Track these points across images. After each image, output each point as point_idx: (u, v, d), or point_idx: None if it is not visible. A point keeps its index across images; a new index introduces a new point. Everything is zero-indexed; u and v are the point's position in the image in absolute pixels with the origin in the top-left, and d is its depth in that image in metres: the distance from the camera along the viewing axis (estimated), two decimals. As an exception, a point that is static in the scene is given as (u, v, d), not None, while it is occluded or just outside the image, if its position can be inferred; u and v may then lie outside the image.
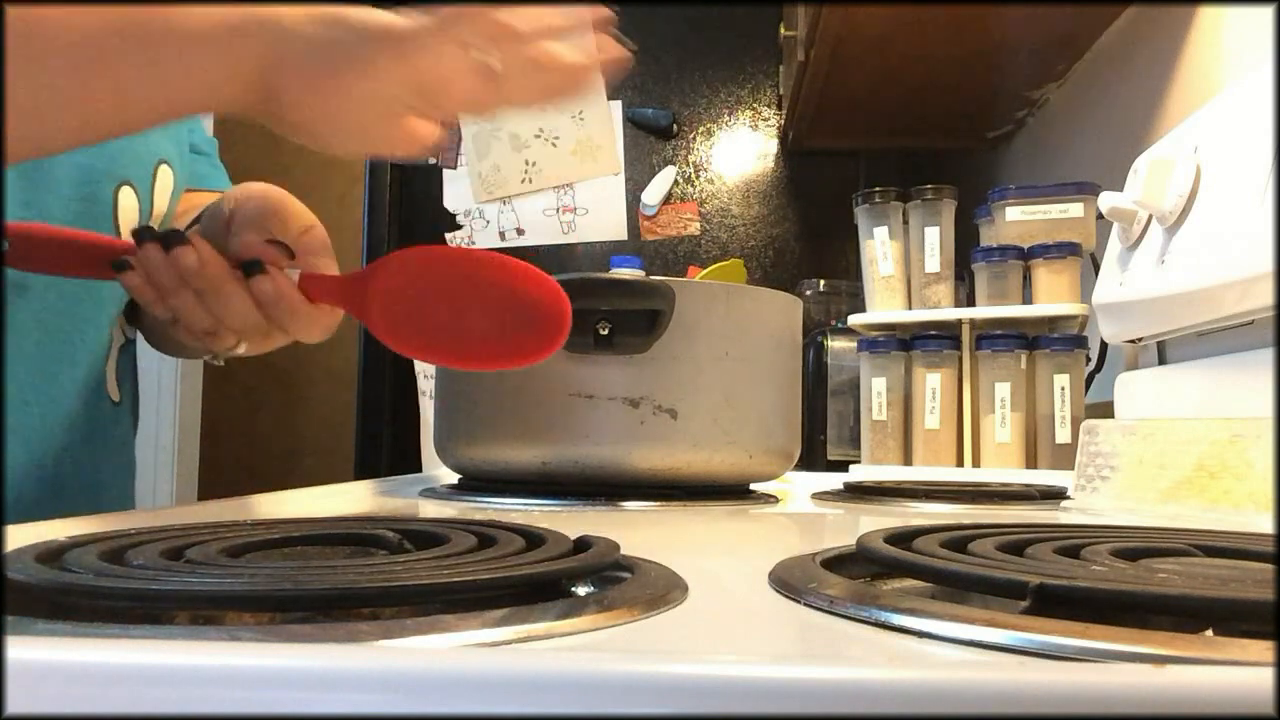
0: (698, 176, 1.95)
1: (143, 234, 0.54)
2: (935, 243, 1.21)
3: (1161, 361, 0.81)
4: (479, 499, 0.67)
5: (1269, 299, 0.59)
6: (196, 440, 2.67)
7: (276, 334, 0.58)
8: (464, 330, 0.53)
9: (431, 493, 0.70)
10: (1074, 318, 1.10)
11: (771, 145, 1.95)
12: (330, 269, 0.59)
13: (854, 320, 1.26)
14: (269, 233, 0.56)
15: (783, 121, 1.91)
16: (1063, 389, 1.06)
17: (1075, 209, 1.14)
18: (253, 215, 0.58)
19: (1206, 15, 1.06)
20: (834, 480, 0.86)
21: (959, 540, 0.36)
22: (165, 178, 0.74)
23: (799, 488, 0.85)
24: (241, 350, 0.62)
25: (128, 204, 0.69)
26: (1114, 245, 0.83)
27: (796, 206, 1.94)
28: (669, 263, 1.92)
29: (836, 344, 1.34)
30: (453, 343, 0.54)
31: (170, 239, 0.53)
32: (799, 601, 0.29)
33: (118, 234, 0.69)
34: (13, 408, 0.62)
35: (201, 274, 0.53)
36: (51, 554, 0.30)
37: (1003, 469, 1.07)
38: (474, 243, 1.96)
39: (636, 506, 0.63)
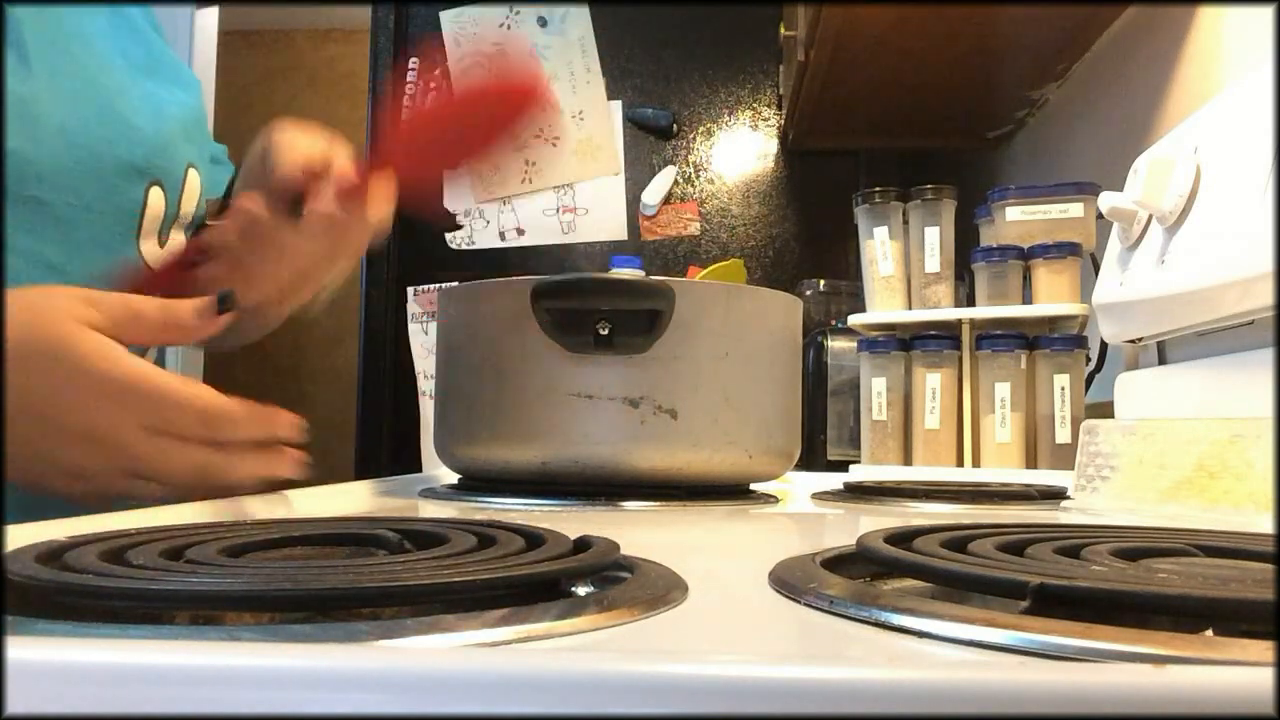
0: (698, 176, 1.95)
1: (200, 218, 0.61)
2: (935, 243, 1.21)
3: (1161, 361, 0.81)
4: (479, 499, 0.67)
5: (1269, 299, 0.59)
6: (196, 440, 2.66)
7: (341, 257, 0.65)
8: (472, 140, 0.65)
9: (431, 493, 0.70)
10: (1074, 318, 1.10)
11: (771, 145, 1.95)
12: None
13: (854, 320, 1.26)
14: (303, 158, 0.63)
15: (783, 121, 1.91)
16: (1063, 389, 1.06)
17: (1075, 209, 1.14)
18: (284, 144, 0.65)
19: (1206, 15, 1.06)
20: (834, 480, 0.86)
21: (959, 540, 0.36)
22: (193, 181, 0.75)
23: (799, 488, 0.85)
24: (325, 297, 0.68)
25: (155, 203, 0.70)
26: (1114, 245, 0.83)
27: (796, 206, 1.94)
28: (669, 263, 1.92)
29: (836, 344, 1.34)
30: (468, 150, 0.66)
31: (222, 203, 0.60)
32: (799, 601, 0.29)
33: (139, 231, 0.70)
34: None
35: (262, 217, 0.60)
36: (51, 554, 0.30)
37: (1003, 469, 1.07)
38: (474, 243, 1.96)
39: (636, 506, 0.63)
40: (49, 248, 0.63)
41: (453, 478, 0.77)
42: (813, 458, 1.32)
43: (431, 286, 1.95)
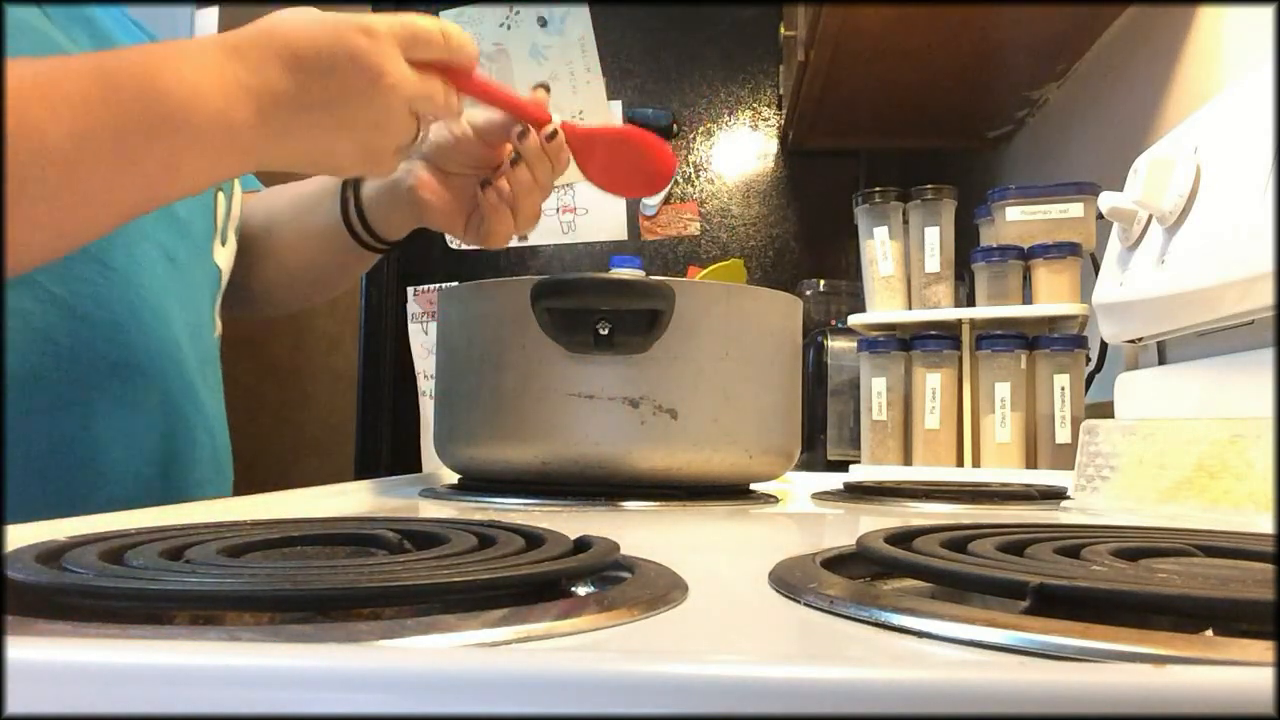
0: (698, 176, 1.95)
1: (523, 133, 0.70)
2: (935, 243, 1.21)
3: (1161, 361, 0.81)
4: (479, 499, 0.67)
5: (1269, 299, 0.59)
6: (196, 440, 2.66)
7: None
8: (616, 172, 0.75)
9: (431, 493, 0.70)
10: (1074, 318, 1.10)
11: (771, 145, 1.95)
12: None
13: (854, 320, 1.26)
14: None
15: (783, 121, 1.91)
16: (1063, 389, 1.06)
17: (1075, 209, 1.14)
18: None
19: (1206, 15, 1.06)
20: (834, 480, 0.86)
21: (959, 540, 0.36)
22: (238, 187, 0.83)
23: (799, 488, 0.85)
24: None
25: (221, 207, 0.80)
26: (1114, 245, 0.83)
27: (796, 206, 1.94)
28: (669, 263, 1.92)
29: (836, 344, 1.34)
30: (610, 177, 0.75)
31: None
32: (799, 601, 0.29)
33: (217, 228, 0.80)
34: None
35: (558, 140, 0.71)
36: (51, 554, 0.30)
37: (1003, 469, 1.07)
38: (474, 243, 1.95)
39: (636, 506, 0.63)
40: (168, 238, 0.71)
41: (453, 478, 0.77)
42: (813, 458, 1.32)
43: (431, 286, 1.94)
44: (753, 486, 0.75)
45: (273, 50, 0.56)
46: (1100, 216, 0.85)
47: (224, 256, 0.81)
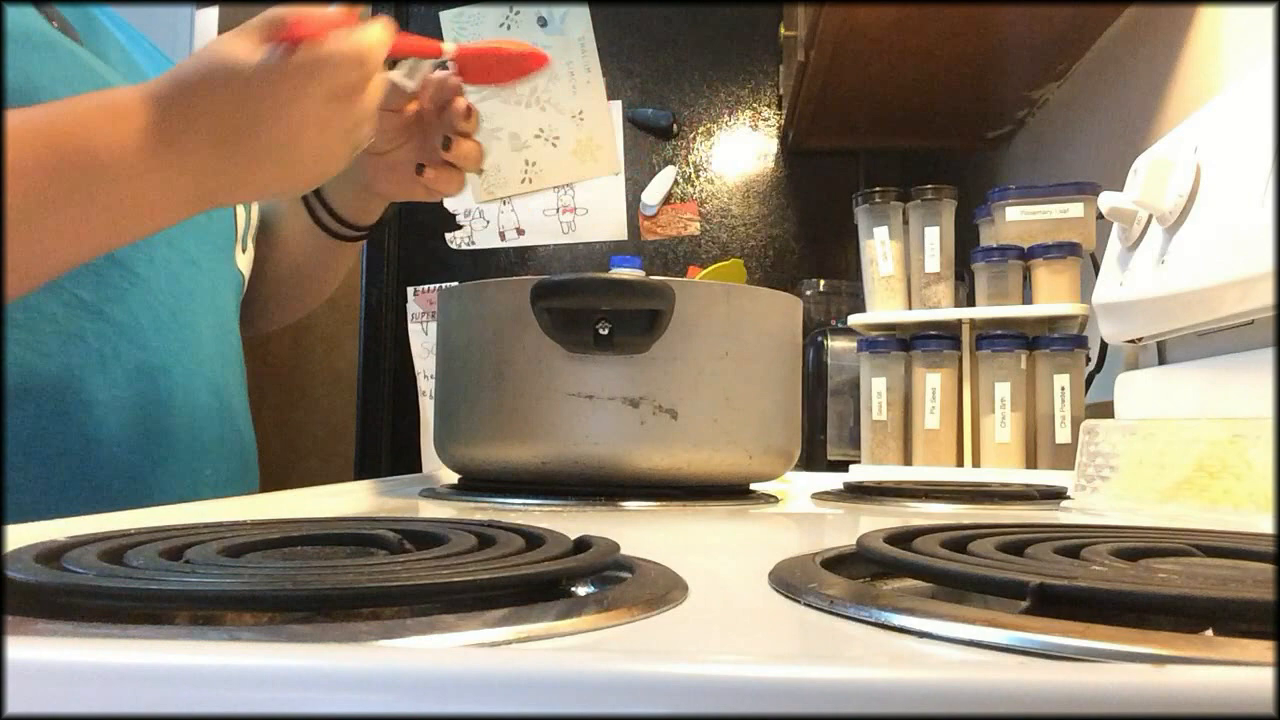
0: (698, 176, 1.95)
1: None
2: (935, 243, 1.21)
3: (1161, 361, 0.81)
4: (479, 499, 0.67)
5: (1269, 299, 0.59)
6: (196, 440, 2.66)
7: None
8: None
9: (431, 493, 0.70)
10: (1074, 318, 1.10)
11: (771, 145, 1.95)
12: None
13: (854, 320, 1.26)
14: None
15: (783, 121, 1.91)
16: (1063, 389, 1.06)
17: (1075, 209, 1.14)
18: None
19: (1206, 15, 1.06)
20: (834, 480, 0.86)
21: (959, 540, 0.36)
22: None
23: (799, 488, 0.85)
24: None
25: (241, 215, 0.82)
26: (1114, 245, 0.83)
27: (796, 206, 1.94)
28: (669, 263, 1.92)
29: (836, 344, 1.34)
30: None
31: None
32: (799, 601, 0.29)
33: (238, 234, 0.82)
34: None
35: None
36: (51, 554, 0.30)
37: (1003, 469, 1.07)
38: (474, 243, 1.96)
39: (636, 506, 0.63)
40: (190, 242, 0.74)
41: (453, 478, 0.77)
42: (813, 458, 1.32)
43: (431, 286, 1.95)
44: (753, 486, 0.75)
45: (193, 125, 0.54)
46: (1100, 216, 0.85)
47: (244, 262, 0.84)
